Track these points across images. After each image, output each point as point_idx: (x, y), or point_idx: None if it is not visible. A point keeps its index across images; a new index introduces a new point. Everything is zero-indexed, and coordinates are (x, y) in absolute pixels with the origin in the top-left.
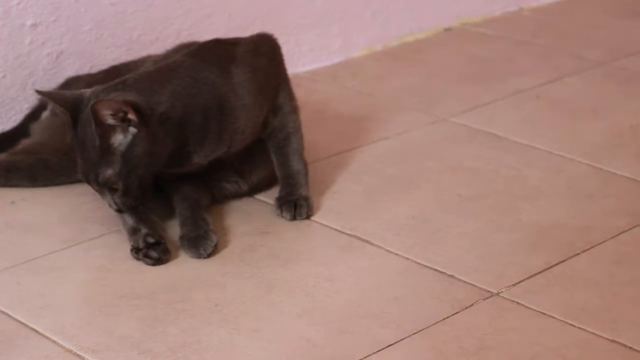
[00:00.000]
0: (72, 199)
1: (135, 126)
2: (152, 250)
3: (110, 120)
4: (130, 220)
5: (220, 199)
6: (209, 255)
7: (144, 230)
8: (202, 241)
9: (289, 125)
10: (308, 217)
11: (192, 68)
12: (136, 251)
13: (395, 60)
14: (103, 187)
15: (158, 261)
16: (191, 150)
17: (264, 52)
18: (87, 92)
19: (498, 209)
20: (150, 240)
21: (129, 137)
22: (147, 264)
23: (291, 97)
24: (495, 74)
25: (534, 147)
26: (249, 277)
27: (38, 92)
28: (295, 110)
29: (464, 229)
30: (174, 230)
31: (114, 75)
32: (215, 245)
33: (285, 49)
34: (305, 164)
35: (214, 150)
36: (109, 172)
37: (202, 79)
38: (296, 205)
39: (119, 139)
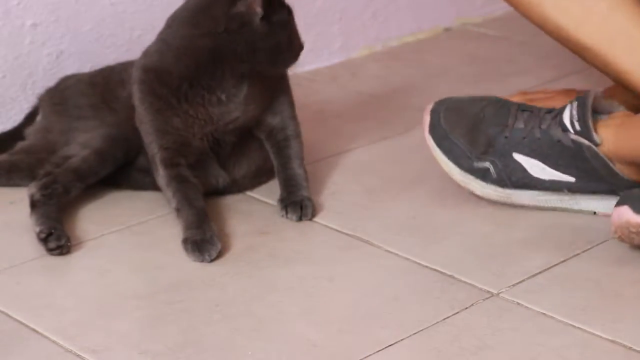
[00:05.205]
0: (72, 199)
1: None
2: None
3: None
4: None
5: (206, 189)
6: (212, 261)
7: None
8: (208, 246)
9: (289, 128)
10: (312, 217)
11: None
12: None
13: (395, 60)
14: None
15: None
16: None
17: None
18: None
19: (498, 209)
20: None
21: None
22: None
23: (291, 103)
24: (495, 74)
25: None
26: (249, 277)
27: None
28: (295, 117)
29: (464, 229)
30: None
31: (108, 74)
32: (220, 251)
33: None
34: (305, 172)
35: None
36: None
37: None
38: (302, 206)
39: None
